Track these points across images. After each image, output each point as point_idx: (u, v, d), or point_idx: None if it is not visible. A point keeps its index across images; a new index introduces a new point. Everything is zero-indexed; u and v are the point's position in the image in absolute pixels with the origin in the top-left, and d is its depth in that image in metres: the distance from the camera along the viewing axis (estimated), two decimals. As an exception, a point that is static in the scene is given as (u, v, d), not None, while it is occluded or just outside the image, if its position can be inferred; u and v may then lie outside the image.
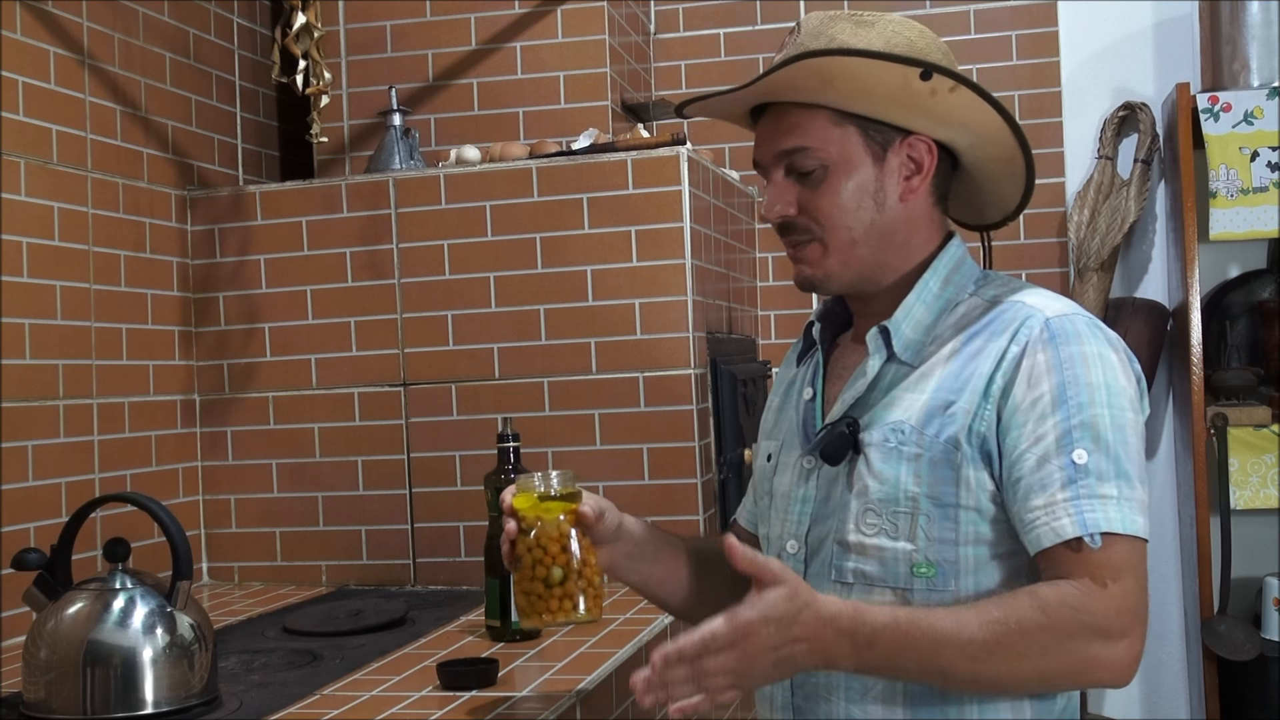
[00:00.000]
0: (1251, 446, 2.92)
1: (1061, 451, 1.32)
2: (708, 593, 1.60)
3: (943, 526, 1.37)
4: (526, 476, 1.45)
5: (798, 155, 1.44)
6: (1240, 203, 2.90)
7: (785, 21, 3.32)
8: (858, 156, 1.43)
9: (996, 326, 1.41)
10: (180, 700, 1.59)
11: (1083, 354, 1.36)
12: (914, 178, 1.45)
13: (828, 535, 1.44)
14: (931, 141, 1.45)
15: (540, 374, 2.58)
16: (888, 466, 1.39)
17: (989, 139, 1.45)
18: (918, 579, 1.37)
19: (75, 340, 2.40)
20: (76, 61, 2.43)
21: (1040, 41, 3.27)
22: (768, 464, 1.57)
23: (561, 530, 1.42)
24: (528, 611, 1.42)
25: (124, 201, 2.55)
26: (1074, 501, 1.30)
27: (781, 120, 1.45)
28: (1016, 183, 1.50)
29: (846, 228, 1.44)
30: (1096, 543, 1.29)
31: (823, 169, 1.43)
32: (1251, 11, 2.94)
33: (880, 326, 1.45)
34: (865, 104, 1.41)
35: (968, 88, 1.39)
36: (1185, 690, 3.25)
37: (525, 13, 2.96)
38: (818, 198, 1.44)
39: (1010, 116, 1.42)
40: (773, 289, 3.31)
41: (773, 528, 1.53)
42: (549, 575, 1.40)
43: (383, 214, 2.66)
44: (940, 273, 1.47)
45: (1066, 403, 1.33)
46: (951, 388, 1.39)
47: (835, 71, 1.38)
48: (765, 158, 1.48)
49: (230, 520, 2.73)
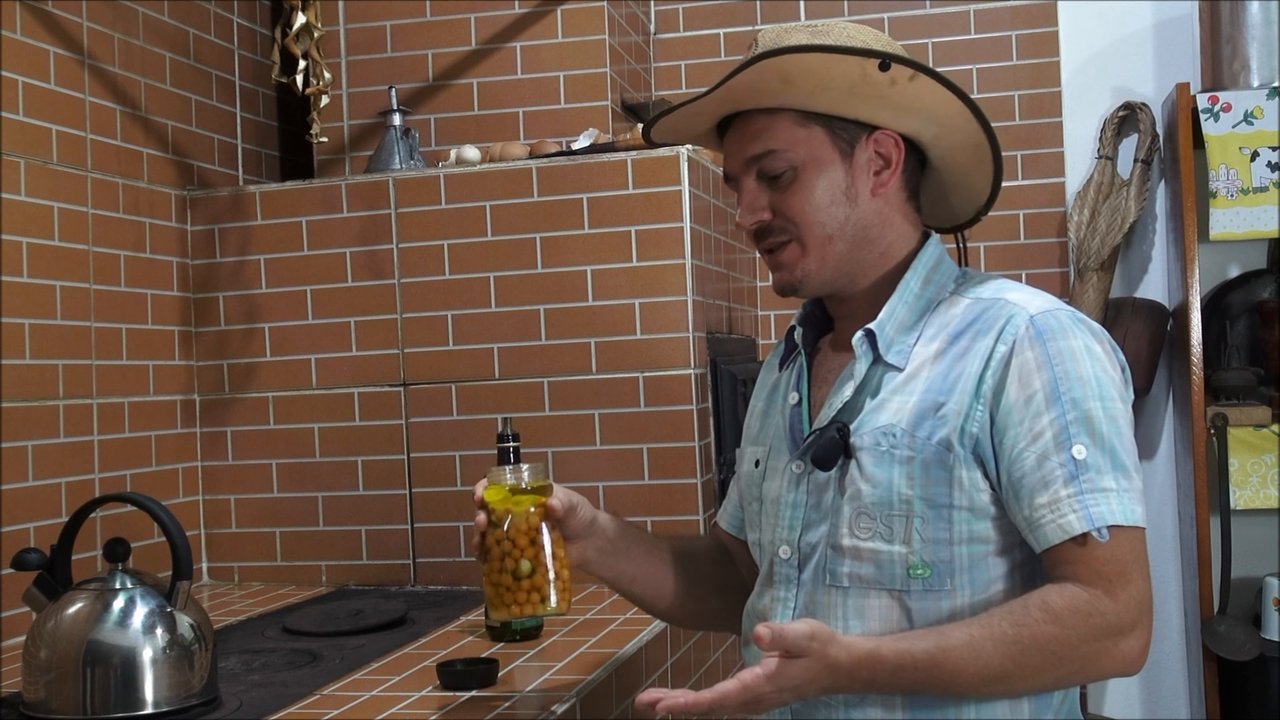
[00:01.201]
0: (1251, 446, 2.92)
1: (1061, 448, 1.33)
2: (690, 592, 1.61)
3: (937, 527, 1.37)
4: (498, 469, 1.44)
5: (766, 159, 1.45)
6: (1240, 203, 2.90)
7: (785, 22, 3.32)
8: (826, 155, 1.45)
9: (981, 325, 1.41)
10: (180, 700, 1.59)
11: (1070, 349, 1.37)
12: (884, 172, 1.47)
13: (820, 540, 1.44)
14: (897, 135, 1.46)
15: (540, 374, 2.58)
16: (880, 470, 1.39)
17: (953, 126, 1.46)
18: (914, 580, 1.37)
19: (75, 340, 2.40)
20: (76, 61, 2.43)
21: (1040, 41, 3.27)
22: (755, 470, 1.57)
23: (530, 523, 1.42)
24: (496, 604, 1.41)
25: (124, 201, 2.55)
26: (1078, 497, 1.32)
27: (747, 128, 1.47)
28: (985, 171, 1.52)
29: (820, 224, 1.45)
30: (1104, 536, 1.30)
31: (792, 170, 1.45)
32: (1251, 11, 2.94)
33: (865, 330, 1.45)
34: (827, 100, 1.43)
35: (926, 74, 1.40)
36: (1185, 690, 3.25)
37: (525, 13, 2.96)
38: (790, 198, 1.45)
39: (971, 101, 1.43)
40: (772, 289, 3.31)
41: (764, 533, 1.53)
42: (517, 568, 1.40)
43: (383, 214, 2.66)
44: (920, 272, 1.48)
45: (1060, 398, 1.34)
46: (940, 389, 1.39)
47: (794, 69, 1.39)
48: (734, 167, 1.50)
49: (230, 520, 2.73)
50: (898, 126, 1.46)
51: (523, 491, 1.43)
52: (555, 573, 1.41)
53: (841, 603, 1.41)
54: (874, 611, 1.39)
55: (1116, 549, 1.31)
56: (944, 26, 3.29)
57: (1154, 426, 3.27)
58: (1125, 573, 1.31)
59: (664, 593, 1.60)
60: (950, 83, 1.42)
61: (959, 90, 1.42)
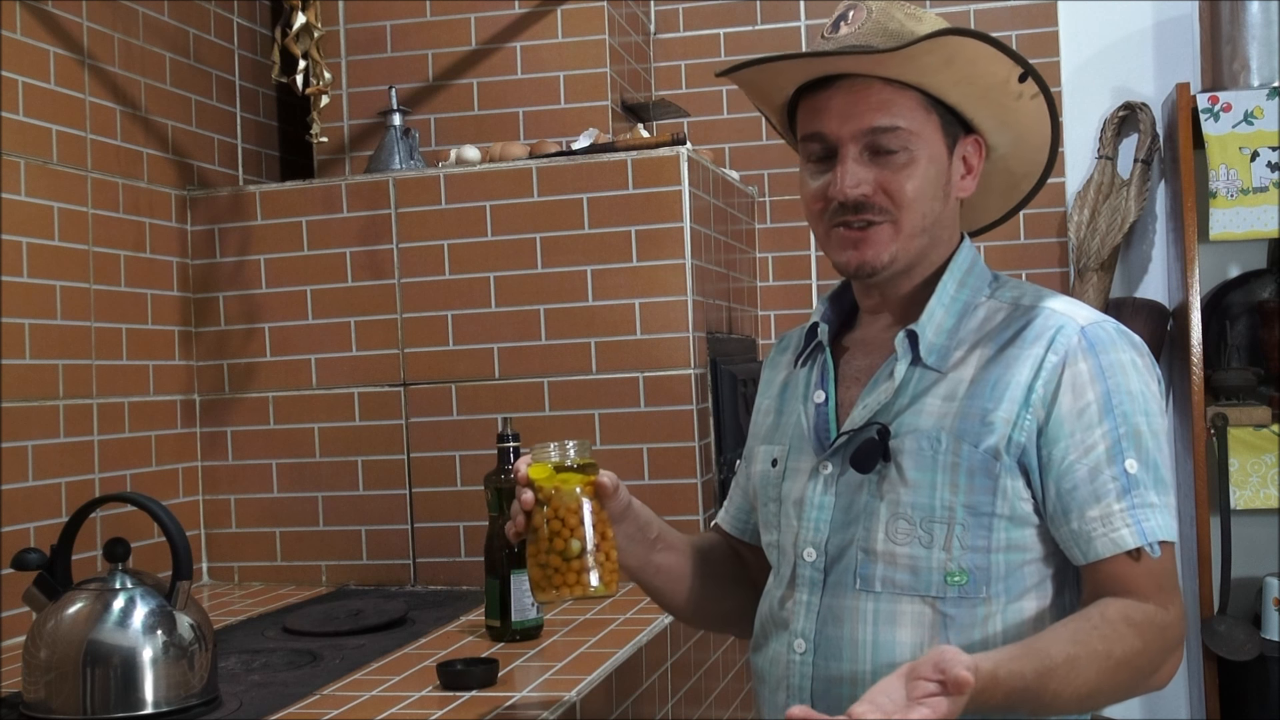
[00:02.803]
0: (1251, 446, 2.92)
1: (1113, 461, 1.34)
2: (706, 591, 1.59)
3: (976, 535, 1.36)
4: (541, 446, 1.40)
5: (888, 134, 1.39)
6: (1240, 203, 2.90)
7: (785, 21, 3.32)
8: (938, 145, 1.43)
9: (1029, 334, 1.39)
10: (180, 700, 1.59)
11: (1120, 362, 1.37)
12: (967, 177, 1.47)
13: (850, 543, 1.41)
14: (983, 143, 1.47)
15: (540, 374, 2.58)
16: (922, 475, 1.37)
17: (1023, 154, 1.48)
18: (950, 587, 1.36)
19: (75, 340, 2.40)
20: (76, 61, 2.43)
21: (1040, 41, 3.26)
22: (773, 469, 1.52)
23: (579, 502, 1.37)
24: (543, 585, 1.37)
25: (124, 201, 2.55)
26: (1131, 511, 1.33)
27: (866, 96, 1.39)
28: (1006, 201, 1.54)
29: (921, 213, 1.42)
30: (1156, 552, 1.33)
31: (907, 151, 1.40)
32: (1251, 11, 2.94)
33: (908, 330, 1.42)
34: (962, 93, 1.41)
35: (1045, 98, 1.42)
36: (1185, 690, 3.25)
37: (525, 13, 2.96)
38: (902, 179, 1.40)
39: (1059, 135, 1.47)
40: (773, 289, 3.31)
41: (784, 535, 1.48)
42: (567, 548, 1.35)
43: (383, 214, 2.66)
44: (956, 275, 1.46)
45: (1113, 412, 1.34)
46: (989, 396, 1.37)
47: (959, 53, 1.36)
48: (841, 132, 1.40)
49: (230, 520, 2.73)
50: (992, 136, 1.46)
51: (569, 469, 1.38)
52: (604, 553, 1.37)
53: (872, 608, 1.38)
54: (906, 618, 1.37)
55: (1166, 563, 1.34)
56: (944, 26, 3.29)
57: (1154, 426, 3.27)
58: (1175, 587, 1.35)
59: (683, 588, 1.57)
60: (1056, 114, 1.44)
61: (1058, 122, 1.44)
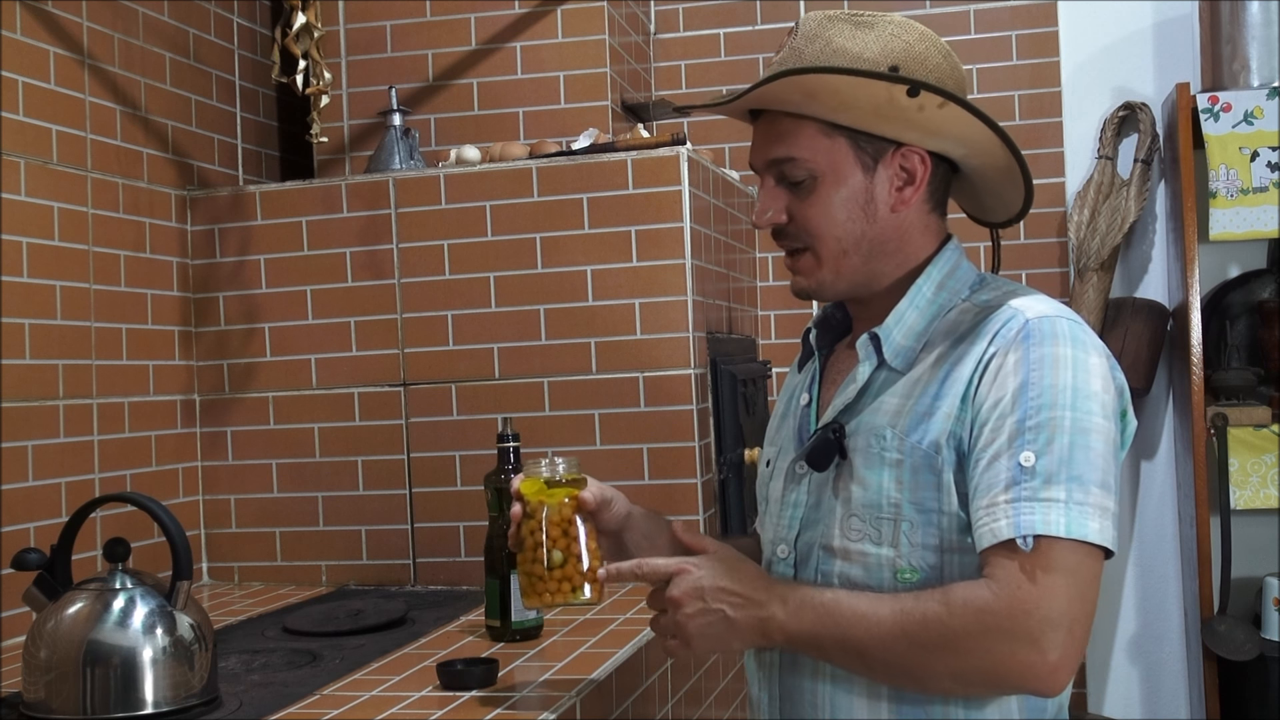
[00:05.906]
0: (1251, 446, 2.92)
1: (1011, 453, 1.30)
2: None
3: (925, 532, 1.36)
4: (533, 462, 1.52)
5: (787, 165, 1.43)
6: (1240, 203, 2.90)
7: (785, 21, 3.32)
8: (847, 167, 1.42)
9: (983, 330, 1.39)
10: (180, 700, 1.59)
11: (1054, 355, 1.33)
12: (906, 188, 1.44)
13: (815, 540, 1.44)
14: (925, 153, 1.43)
15: (540, 374, 2.58)
16: (871, 472, 1.39)
17: (982, 150, 1.44)
18: (901, 584, 1.37)
19: (75, 340, 2.40)
20: (76, 61, 2.43)
21: (1040, 41, 3.27)
22: (766, 470, 1.58)
23: (563, 514, 1.48)
24: (528, 592, 1.49)
25: (124, 201, 2.55)
26: (1014, 504, 1.28)
27: (773, 127, 1.45)
28: (1017, 189, 1.49)
29: (836, 239, 1.43)
30: (1028, 545, 1.26)
31: (812, 179, 1.42)
32: (1251, 11, 2.94)
33: (870, 333, 1.44)
34: (851, 117, 1.40)
35: (956, 103, 1.37)
36: (1185, 690, 3.25)
37: (525, 13, 2.96)
38: (807, 208, 1.43)
39: (1002, 131, 1.40)
40: (773, 289, 3.31)
41: (766, 532, 1.54)
42: (549, 558, 1.46)
43: (383, 214, 2.66)
44: (934, 278, 1.46)
45: (1026, 404, 1.31)
46: (935, 393, 1.38)
47: (817, 87, 1.37)
48: (757, 163, 1.48)
49: (230, 520, 2.73)
50: (925, 146, 1.43)
51: (557, 484, 1.50)
52: (586, 563, 1.47)
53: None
54: None
55: (1040, 560, 1.26)
56: (944, 27, 3.28)
57: (1154, 426, 3.27)
58: (1046, 584, 1.25)
59: None
60: (980, 112, 1.38)
61: (990, 120, 1.38)
